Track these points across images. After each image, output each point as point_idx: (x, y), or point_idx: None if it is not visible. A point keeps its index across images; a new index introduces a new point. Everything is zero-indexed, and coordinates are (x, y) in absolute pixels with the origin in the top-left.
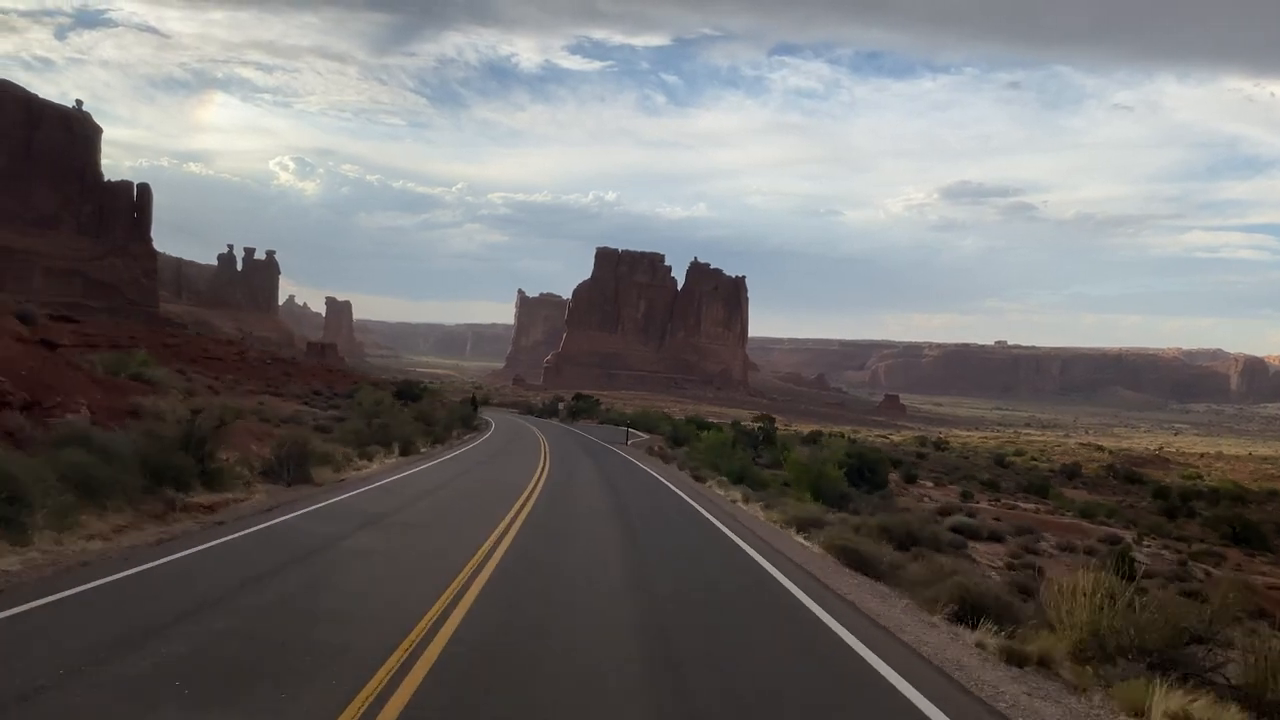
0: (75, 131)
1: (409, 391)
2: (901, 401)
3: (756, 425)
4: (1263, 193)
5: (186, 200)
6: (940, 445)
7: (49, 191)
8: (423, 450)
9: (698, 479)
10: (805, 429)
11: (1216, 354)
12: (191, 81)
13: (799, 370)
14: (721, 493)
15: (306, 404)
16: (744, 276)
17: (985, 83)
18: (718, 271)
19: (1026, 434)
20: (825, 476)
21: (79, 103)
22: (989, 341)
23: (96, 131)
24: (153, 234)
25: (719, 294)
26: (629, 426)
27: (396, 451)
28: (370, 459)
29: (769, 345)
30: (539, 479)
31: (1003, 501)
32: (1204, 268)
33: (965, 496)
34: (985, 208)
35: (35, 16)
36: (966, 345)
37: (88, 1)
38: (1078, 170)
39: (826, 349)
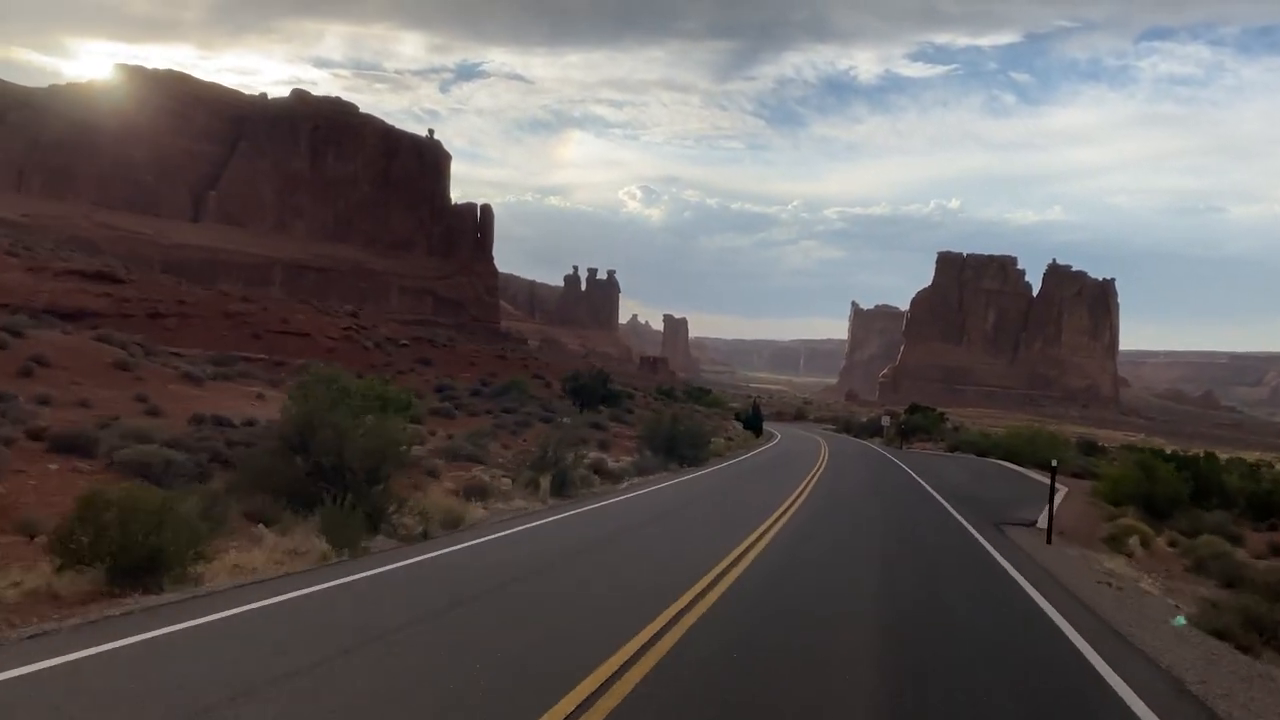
0: (426, 159)
1: (593, 389)
2: None
3: None
4: None
5: (548, 230)
6: None
7: (404, 216)
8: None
9: None
10: (1220, 455)
11: None
12: (552, 122)
13: (1178, 386)
14: None
15: None
16: (1113, 279)
17: None
18: (1081, 274)
19: None
20: None
21: (430, 132)
22: None
23: (446, 158)
24: (513, 260)
25: (1083, 299)
26: (1052, 473)
27: None
28: None
29: (1139, 359)
30: None
31: None
32: None
33: None
34: None
35: (424, 74)
36: None
37: (466, 56)
38: None
39: (1211, 362)
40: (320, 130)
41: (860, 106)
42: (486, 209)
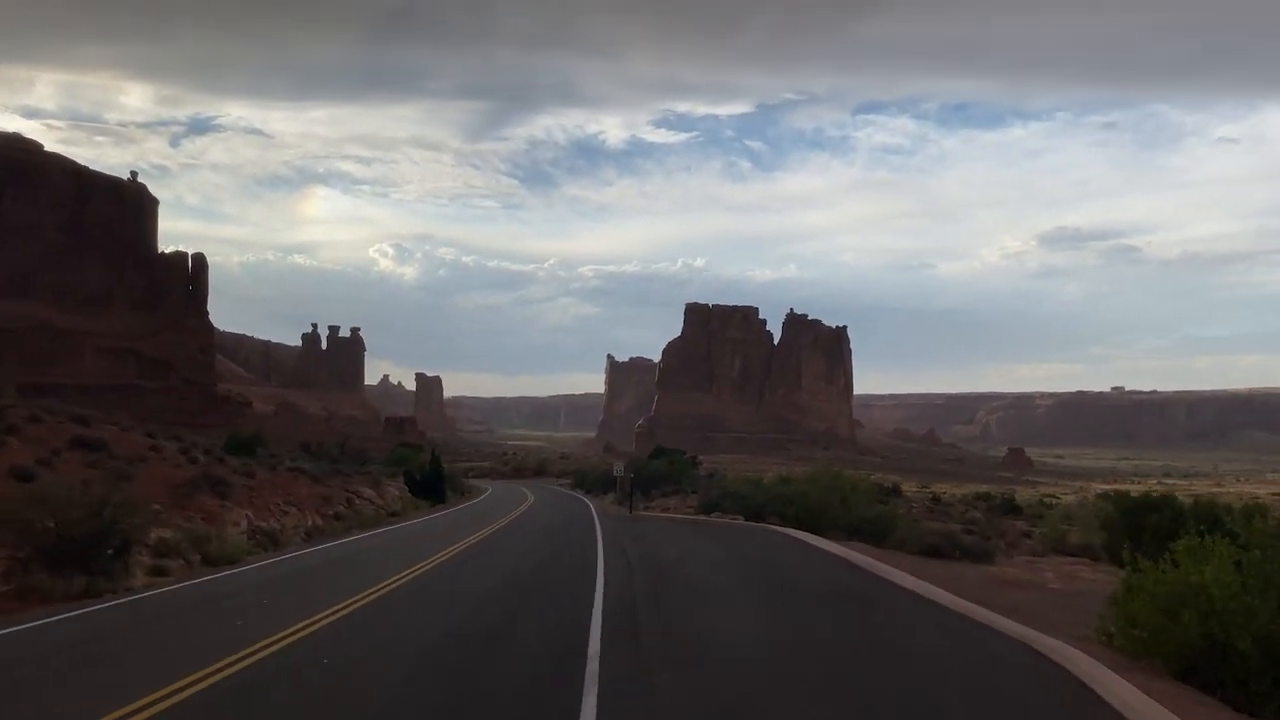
0: (128, 203)
1: None
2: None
3: None
4: None
5: (292, 290)
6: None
7: (101, 267)
8: None
9: None
10: (958, 489)
11: None
12: (295, 178)
13: (904, 426)
14: None
15: None
16: (845, 326)
17: (1078, 126)
18: (816, 323)
19: (1177, 484)
20: None
21: (134, 175)
22: (1103, 389)
23: (152, 203)
24: (256, 323)
25: (819, 346)
26: None
27: None
28: None
29: (869, 402)
30: None
31: None
32: None
33: None
34: (1086, 252)
35: (151, 127)
36: (1083, 393)
37: (199, 109)
38: (1181, 209)
39: (930, 403)
40: None
41: (610, 169)
42: (199, 258)
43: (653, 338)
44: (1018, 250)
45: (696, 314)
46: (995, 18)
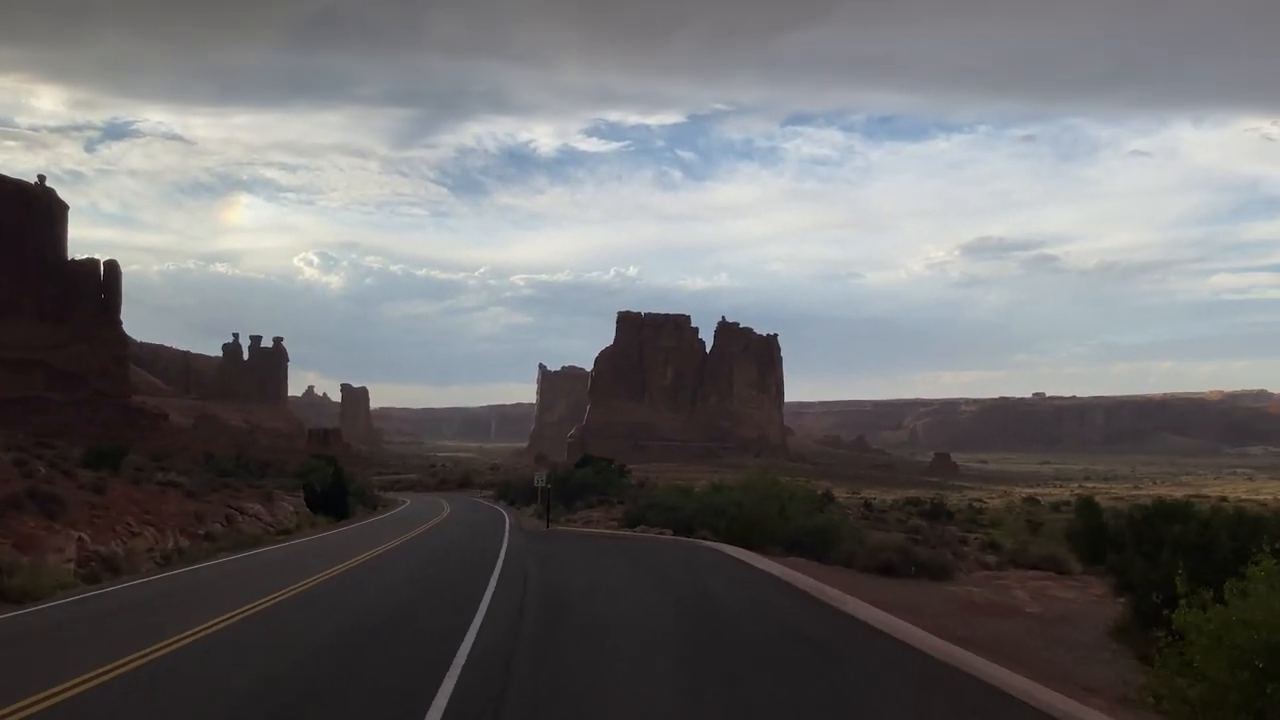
0: (35, 208)
1: None
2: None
3: None
4: None
5: (214, 299)
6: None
7: (5, 274)
8: None
9: None
10: (888, 495)
11: (1260, 395)
12: (217, 185)
13: (834, 432)
14: None
15: None
16: (776, 335)
17: (999, 139)
18: (747, 331)
19: (1100, 487)
20: None
21: (41, 178)
22: (1025, 395)
23: (61, 209)
24: (177, 333)
25: (750, 353)
26: None
27: None
28: None
29: (799, 409)
30: None
31: None
32: (1234, 309)
33: None
34: (1007, 262)
35: (65, 131)
36: (1005, 399)
37: (116, 114)
38: (1097, 219)
39: (859, 410)
40: None
41: (541, 177)
42: (112, 265)
43: (585, 347)
44: (942, 260)
45: (628, 322)
46: (920, 32)
